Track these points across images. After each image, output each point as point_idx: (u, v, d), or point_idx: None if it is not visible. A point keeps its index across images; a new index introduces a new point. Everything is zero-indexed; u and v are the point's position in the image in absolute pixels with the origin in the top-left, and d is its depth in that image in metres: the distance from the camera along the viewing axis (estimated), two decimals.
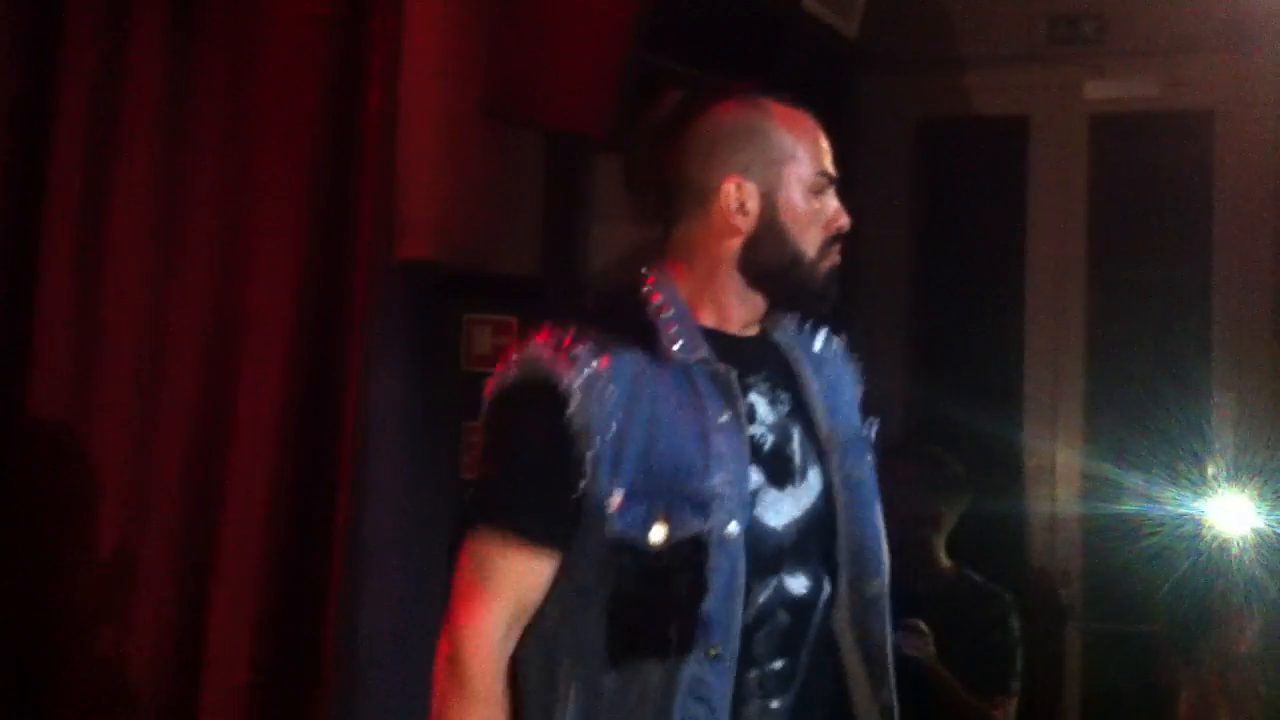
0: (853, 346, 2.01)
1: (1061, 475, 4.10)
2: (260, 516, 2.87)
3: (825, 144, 1.88)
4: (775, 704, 1.78)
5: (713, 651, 1.71)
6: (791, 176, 1.83)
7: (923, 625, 3.07)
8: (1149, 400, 3.68)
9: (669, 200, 1.88)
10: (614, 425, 1.70)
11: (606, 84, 3.00)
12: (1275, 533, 3.17)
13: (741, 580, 1.73)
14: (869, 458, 1.94)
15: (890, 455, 2.82)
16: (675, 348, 1.77)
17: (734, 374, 1.79)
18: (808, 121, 1.89)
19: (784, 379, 1.88)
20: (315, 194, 3.00)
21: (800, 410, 1.87)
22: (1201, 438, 3.50)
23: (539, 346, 1.75)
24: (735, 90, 1.91)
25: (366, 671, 2.87)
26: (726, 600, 1.72)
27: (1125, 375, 3.95)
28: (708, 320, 1.84)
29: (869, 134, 4.23)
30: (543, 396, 1.72)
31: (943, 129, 4.38)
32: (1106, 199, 4.24)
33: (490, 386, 1.80)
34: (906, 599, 3.28)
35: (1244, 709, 3.16)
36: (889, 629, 1.90)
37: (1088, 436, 4.07)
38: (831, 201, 1.87)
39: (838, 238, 1.87)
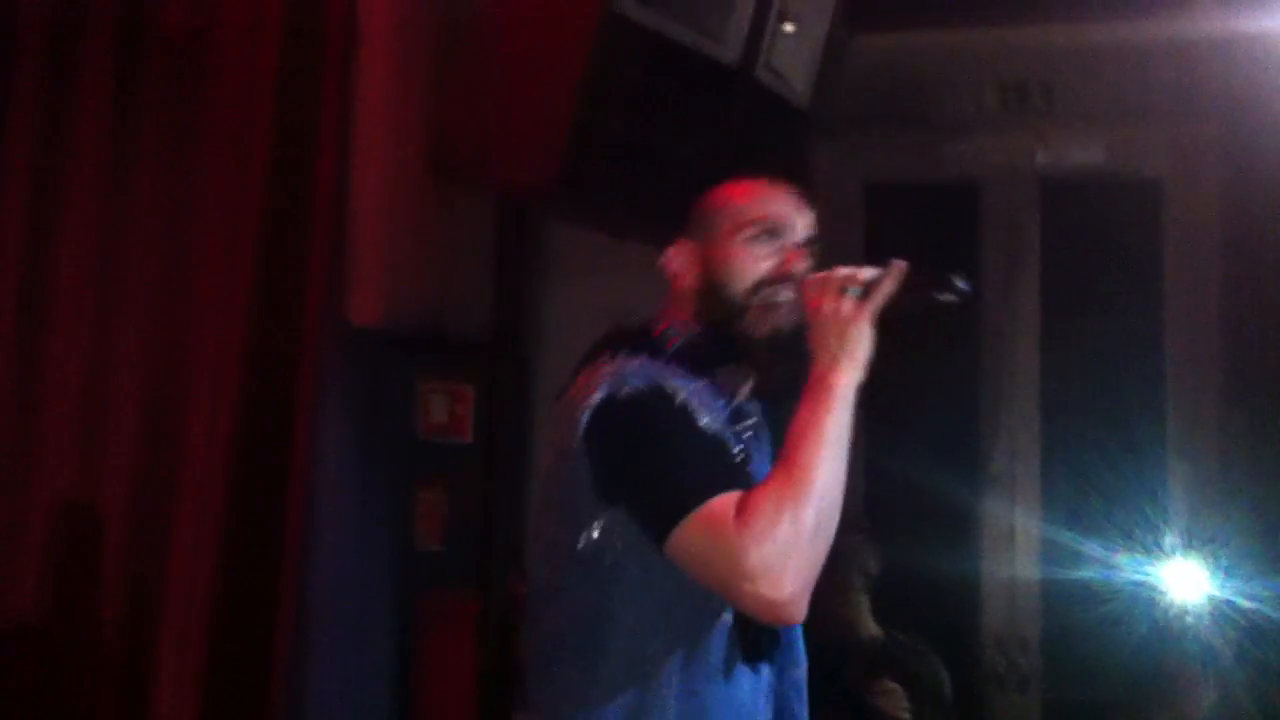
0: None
1: (1019, 542, 4.09)
2: (207, 582, 2.81)
3: (779, 201, 1.96)
4: None
5: (794, 670, 1.90)
6: (723, 229, 1.92)
7: (894, 685, 3.08)
8: (1104, 465, 3.68)
9: None
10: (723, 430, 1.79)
11: (554, 145, 3.00)
12: (1229, 600, 3.16)
13: None
14: None
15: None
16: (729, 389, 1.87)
17: (754, 404, 1.92)
18: (755, 185, 1.98)
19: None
20: (264, 255, 2.97)
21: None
22: (1156, 504, 3.51)
23: (629, 367, 1.79)
24: None
25: (314, 700, 2.81)
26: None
27: (1080, 439, 3.95)
28: None
29: (816, 198, 4.24)
30: (662, 395, 1.77)
31: (892, 194, 4.40)
32: (1058, 264, 4.27)
33: (587, 407, 1.78)
34: (842, 664, 3.31)
35: None
36: (806, 710, 1.96)
37: (1044, 503, 4.07)
38: (779, 251, 1.91)
39: (785, 281, 1.89)
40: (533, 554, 1.89)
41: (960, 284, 1.80)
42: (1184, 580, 3.30)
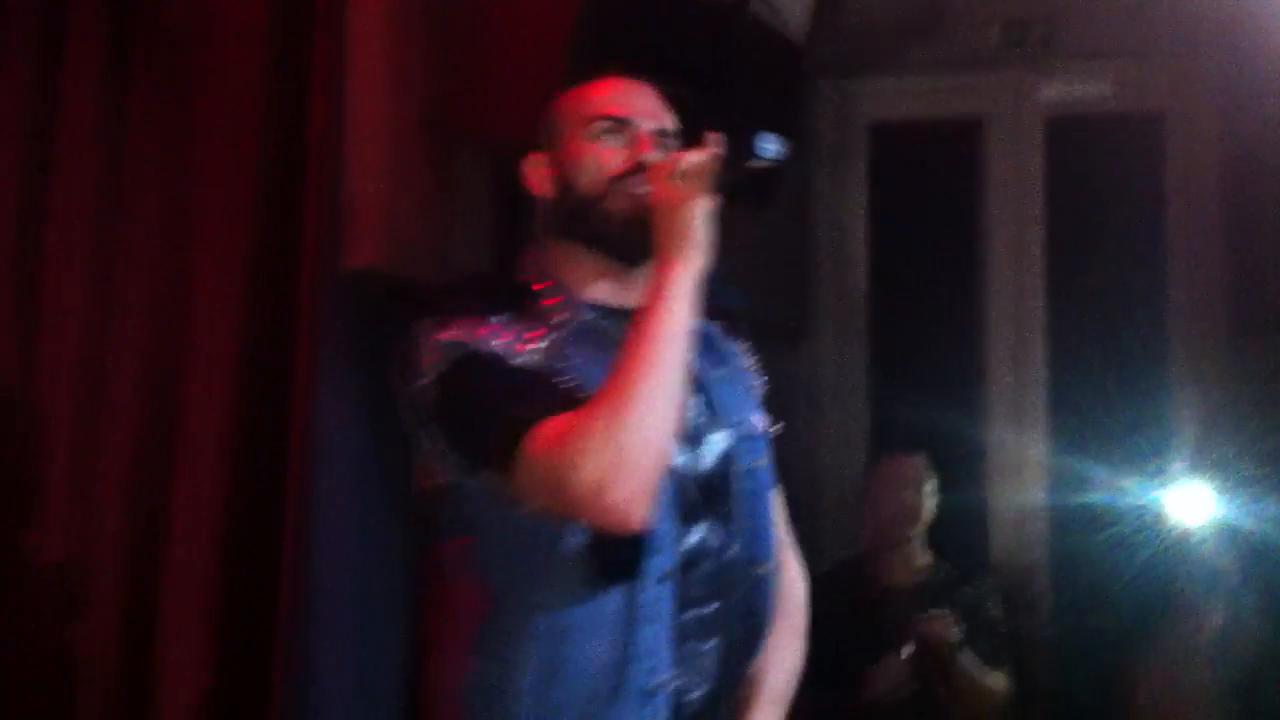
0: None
1: (1026, 470, 4.10)
2: (209, 532, 2.82)
3: (623, 92, 1.89)
4: (706, 646, 1.82)
5: (665, 574, 1.77)
6: (570, 129, 1.88)
7: (941, 611, 3.13)
8: (1110, 394, 3.67)
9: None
10: (559, 368, 1.77)
11: (549, 92, 2.99)
12: (1236, 523, 3.16)
13: (677, 511, 1.79)
14: (765, 453, 1.96)
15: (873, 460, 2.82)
16: (555, 318, 1.83)
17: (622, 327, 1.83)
18: (603, 81, 1.92)
19: None
20: (260, 207, 2.96)
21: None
22: (1163, 429, 3.50)
23: (443, 339, 1.78)
24: None
25: (320, 683, 2.82)
26: (670, 526, 1.78)
27: (1086, 369, 3.95)
28: (586, 296, 1.88)
29: (821, 138, 4.24)
30: (474, 359, 1.76)
31: (895, 132, 4.38)
32: (1062, 200, 4.26)
33: (417, 371, 1.80)
34: (899, 592, 3.34)
35: (1201, 699, 3.16)
36: (772, 607, 1.92)
37: (1051, 431, 4.07)
38: (630, 142, 1.85)
39: (636, 172, 1.82)
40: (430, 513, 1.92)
41: (770, 145, 1.71)
42: (1190, 504, 3.30)
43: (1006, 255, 4.27)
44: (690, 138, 1.86)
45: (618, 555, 1.74)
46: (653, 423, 1.65)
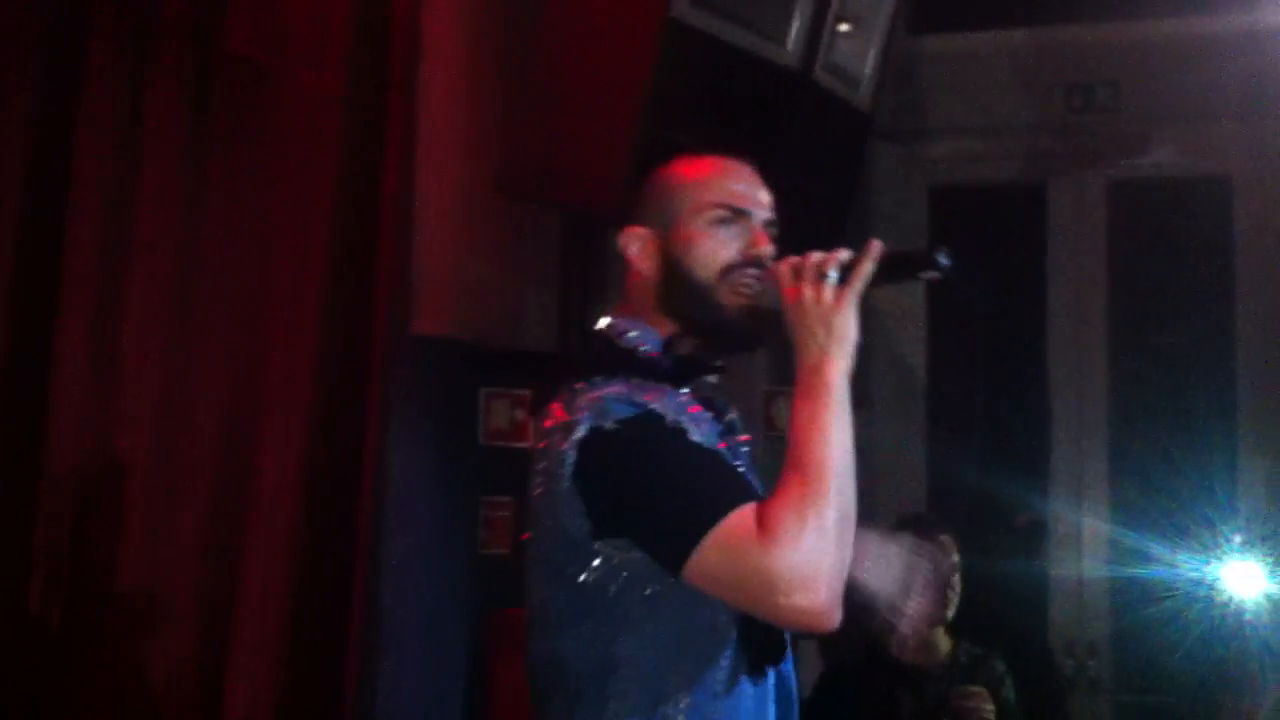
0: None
1: (1087, 543, 4.06)
2: (279, 589, 2.88)
3: (740, 180, 1.86)
4: None
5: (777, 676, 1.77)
6: (684, 211, 1.83)
7: (976, 688, 3.10)
8: (1172, 464, 3.64)
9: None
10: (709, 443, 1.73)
11: (618, 161, 3.03)
12: None
13: None
14: None
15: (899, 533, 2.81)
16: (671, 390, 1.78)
17: (726, 398, 1.85)
18: (718, 163, 1.88)
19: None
20: (333, 270, 3.04)
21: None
22: (1227, 503, 3.47)
23: (608, 394, 1.72)
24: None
25: None
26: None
27: (1148, 440, 3.91)
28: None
29: (879, 201, 4.25)
30: (652, 418, 1.70)
31: (957, 196, 4.38)
32: (1127, 265, 4.24)
33: (573, 444, 1.70)
34: (927, 672, 3.33)
35: None
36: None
37: (1111, 502, 4.04)
38: (744, 232, 1.83)
39: (753, 264, 1.80)
40: (531, 581, 1.79)
41: (941, 259, 1.70)
42: (1248, 578, 3.27)
43: (1069, 321, 4.24)
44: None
45: (765, 644, 1.73)
46: (847, 521, 1.63)
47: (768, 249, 1.82)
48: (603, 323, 1.87)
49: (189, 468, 2.94)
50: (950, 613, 3.30)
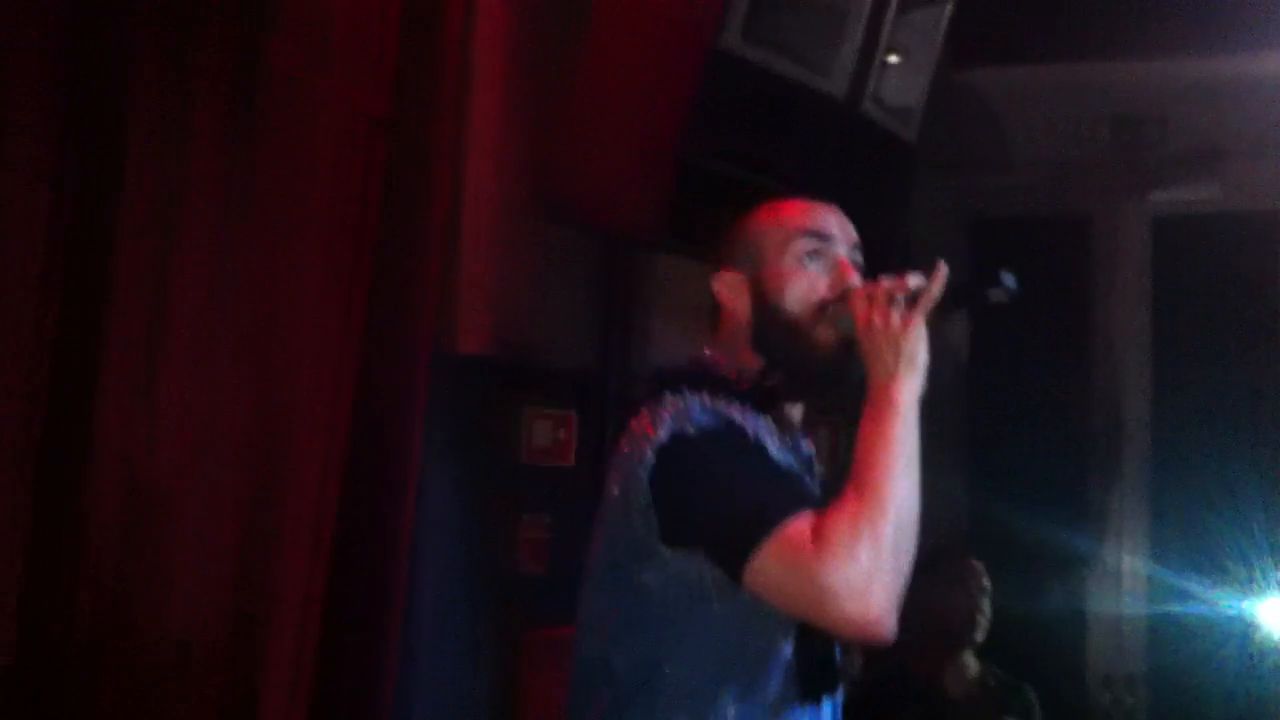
0: None
1: (1126, 580, 4.04)
2: (316, 606, 2.88)
3: (824, 213, 1.90)
4: None
5: (832, 697, 1.81)
6: (772, 251, 1.88)
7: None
8: (1213, 502, 3.62)
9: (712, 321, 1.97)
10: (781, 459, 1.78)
11: (661, 188, 3.05)
12: None
13: None
14: None
15: (926, 569, 2.80)
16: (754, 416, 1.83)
17: (801, 431, 1.89)
18: (795, 203, 1.92)
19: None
20: (377, 289, 3.05)
21: None
22: (1267, 542, 3.44)
23: (693, 403, 1.77)
24: None
25: None
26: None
27: (1191, 477, 3.89)
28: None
29: (921, 233, 4.25)
30: (733, 430, 1.75)
31: (1001, 228, 4.38)
32: (1170, 301, 4.22)
33: (653, 445, 1.75)
34: (956, 700, 3.32)
35: None
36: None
37: (1151, 539, 4.01)
38: (832, 267, 1.87)
39: (842, 299, 1.83)
40: (590, 588, 1.83)
41: (1007, 281, 1.72)
42: None
43: (1111, 356, 4.23)
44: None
45: (819, 671, 1.76)
46: (905, 534, 1.66)
47: (854, 280, 1.84)
48: (699, 356, 1.91)
49: (227, 486, 2.95)
50: (980, 635, 3.30)
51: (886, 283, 1.77)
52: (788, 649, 1.74)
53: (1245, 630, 3.23)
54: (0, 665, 2.62)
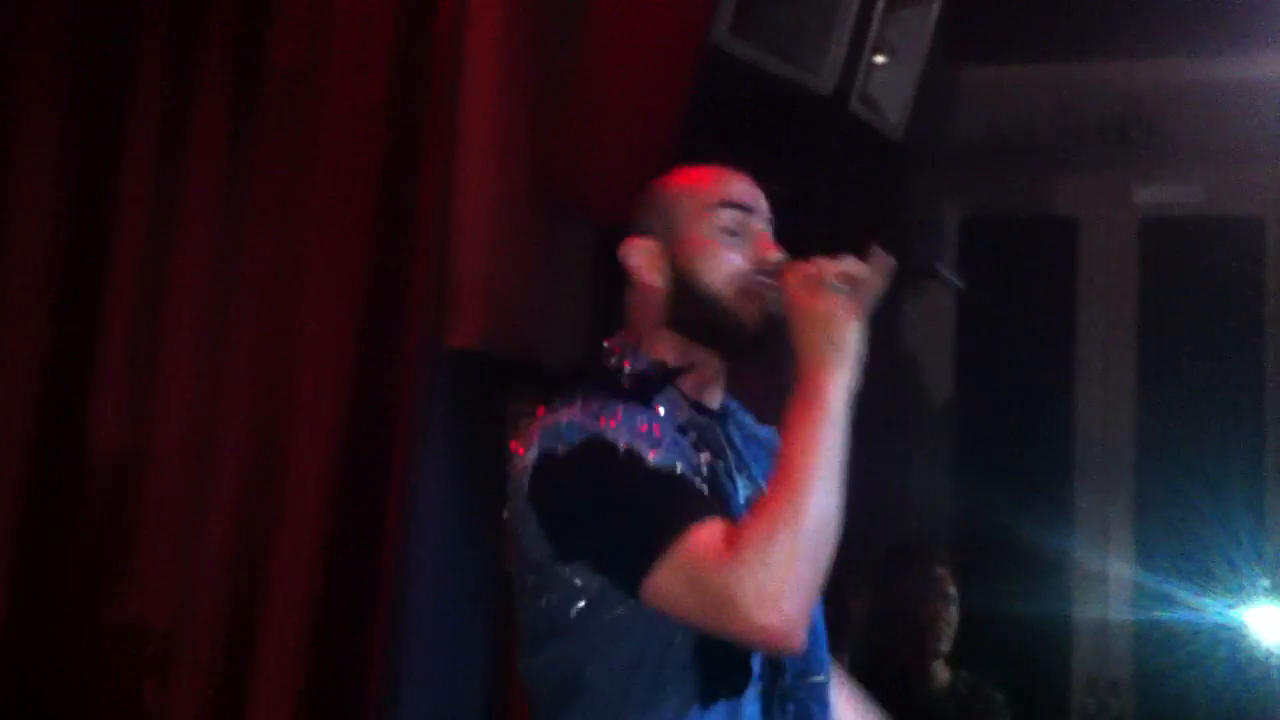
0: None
1: (1112, 583, 4.05)
2: (304, 601, 2.87)
3: (740, 181, 1.82)
4: None
5: (761, 690, 1.71)
6: (687, 218, 1.80)
7: None
8: (1198, 506, 3.64)
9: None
10: (677, 462, 1.66)
11: (652, 175, 3.04)
12: None
13: None
14: None
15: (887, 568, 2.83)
16: (661, 410, 1.73)
17: (718, 430, 1.79)
18: (716, 169, 1.85)
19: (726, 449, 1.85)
20: (367, 282, 3.04)
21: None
22: (1254, 546, 3.46)
23: (562, 420, 1.67)
24: None
25: None
26: None
27: (1175, 480, 3.91)
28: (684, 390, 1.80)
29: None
30: (604, 445, 1.64)
31: (987, 229, 4.39)
32: (1157, 303, 4.24)
33: (526, 467, 1.68)
34: (909, 703, 3.32)
35: None
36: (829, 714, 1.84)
37: (1137, 543, 4.03)
38: (751, 238, 1.79)
39: (763, 270, 1.76)
40: (515, 603, 1.77)
41: (949, 277, 1.69)
42: (1273, 623, 3.26)
43: (1097, 358, 4.25)
44: (778, 234, 1.84)
45: (722, 674, 1.67)
46: (823, 539, 1.56)
47: (776, 255, 1.78)
48: (610, 344, 1.84)
49: (219, 476, 2.94)
50: (946, 646, 3.30)
51: (820, 263, 1.69)
52: (687, 654, 1.66)
53: (1231, 635, 3.24)
54: None
